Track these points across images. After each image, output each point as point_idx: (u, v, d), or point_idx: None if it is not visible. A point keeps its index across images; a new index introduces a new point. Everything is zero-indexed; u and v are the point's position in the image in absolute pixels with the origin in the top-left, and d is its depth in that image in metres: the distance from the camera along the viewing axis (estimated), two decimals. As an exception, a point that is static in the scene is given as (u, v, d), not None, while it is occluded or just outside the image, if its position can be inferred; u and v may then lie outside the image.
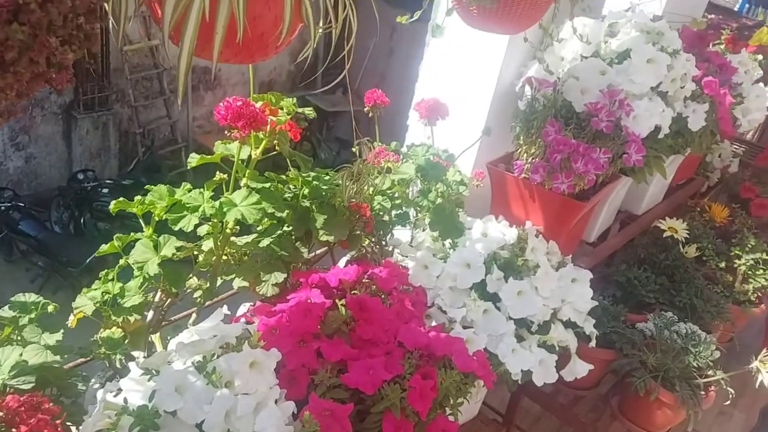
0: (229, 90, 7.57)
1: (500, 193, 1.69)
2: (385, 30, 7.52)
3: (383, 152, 1.58)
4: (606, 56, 1.68)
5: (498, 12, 1.31)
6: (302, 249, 1.43)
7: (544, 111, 1.66)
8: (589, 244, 1.91)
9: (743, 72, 2.12)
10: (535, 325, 1.51)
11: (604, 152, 1.50)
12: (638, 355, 1.67)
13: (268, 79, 8.02)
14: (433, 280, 1.50)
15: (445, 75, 1.88)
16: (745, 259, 2.07)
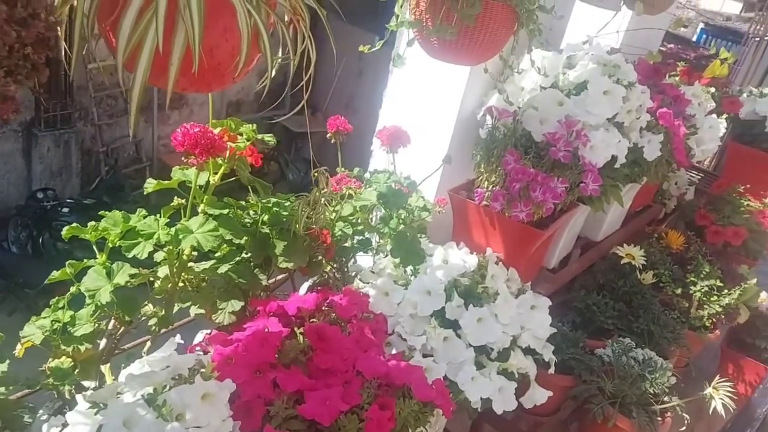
0: (196, 109, 7.51)
1: (461, 220, 1.71)
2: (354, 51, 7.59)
3: (344, 179, 1.59)
4: (564, 87, 1.72)
5: (458, 44, 1.34)
6: (261, 276, 1.41)
7: (505, 140, 1.69)
8: (549, 270, 1.93)
9: (697, 104, 2.19)
10: (495, 353, 1.52)
11: (561, 181, 1.53)
12: (596, 382, 1.69)
13: (236, 99, 7.98)
14: (394, 307, 1.49)
15: (408, 102, 1.90)
16: (700, 286, 2.12)
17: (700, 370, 2.59)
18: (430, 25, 1.30)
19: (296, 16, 0.88)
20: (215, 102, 7.83)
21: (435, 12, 1.29)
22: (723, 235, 2.47)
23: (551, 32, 2.06)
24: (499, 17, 1.33)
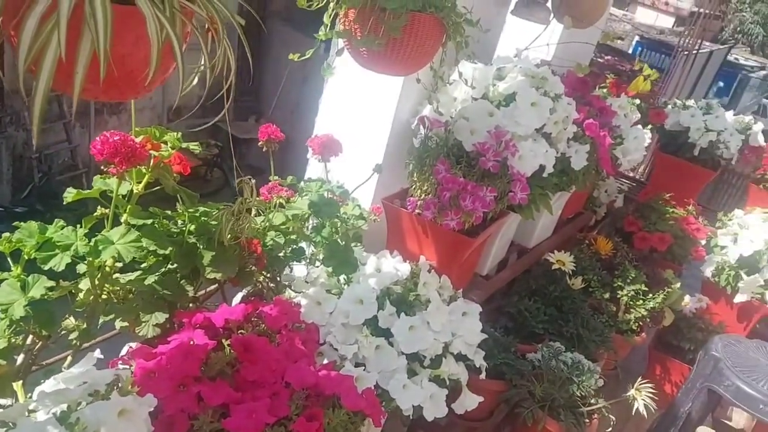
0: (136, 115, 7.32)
1: (395, 228, 1.72)
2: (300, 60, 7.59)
3: (276, 187, 1.58)
4: (494, 99, 1.76)
5: (386, 55, 1.35)
6: (188, 287, 1.38)
7: (437, 149, 1.72)
8: (482, 277, 1.96)
9: (623, 115, 2.28)
10: (428, 360, 1.53)
11: (490, 190, 1.56)
12: (527, 386, 1.73)
13: (178, 105, 7.82)
14: (326, 316, 1.49)
15: (343, 110, 1.91)
16: (627, 290, 2.20)
17: (630, 372, 2.68)
18: (359, 36, 1.31)
19: (213, 26, 0.87)
20: (157, 108, 7.64)
21: (363, 23, 1.30)
22: (649, 241, 2.57)
23: (484, 44, 2.10)
24: (426, 29, 1.35)
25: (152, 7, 0.77)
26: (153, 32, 0.75)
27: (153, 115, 7.66)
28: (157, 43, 0.76)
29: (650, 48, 19.29)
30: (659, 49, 16.70)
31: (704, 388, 2.01)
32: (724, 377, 1.93)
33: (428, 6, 1.33)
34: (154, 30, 0.75)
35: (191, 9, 0.85)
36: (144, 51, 0.82)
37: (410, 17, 1.31)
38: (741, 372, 1.93)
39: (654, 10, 25.98)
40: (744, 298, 2.48)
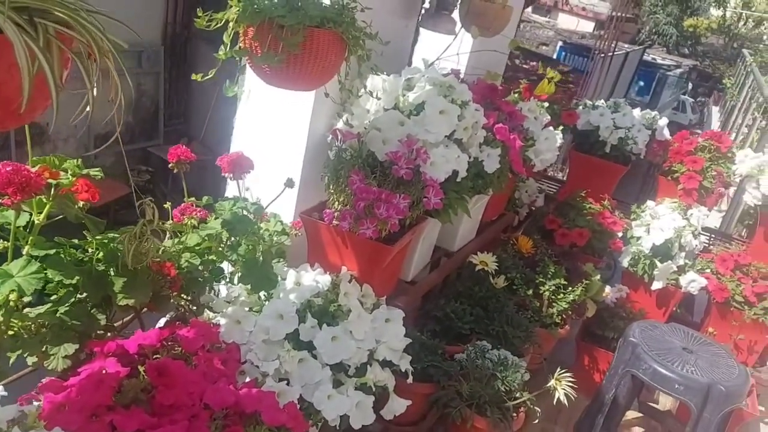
0: (60, 144, 7.05)
1: (315, 241, 1.73)
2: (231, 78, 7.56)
3: (189, 208, 1.57)
4: (404, 109, 1.81)
5: (287, 71, 1.37)
6: (99, 316, 1.36)
7: (351, 161, 1.74)
8: (408, 282, 2.00)
9: (533, 118, 2.37)
10: (353, 369, 1.55)
11: (403, 198, 1.59)
12: (455, 386, 1.77)
13: (104, 131, 7.58)
14: (246, 335, 1.49)
15: (259, 127, 1.91)
16: (548, 285, 2.28)
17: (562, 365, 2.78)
18: (258, 53, 1.32)
19: (92, 52, 0.87)
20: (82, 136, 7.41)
21: (262, 40, 1.32)
22: (569, 237, 2.68)
23: (398, 56, 2.16)
24: (325, 44, 1.37)
25: (22, 34, 0.76)
26: (23, 60, 0.74)
27: (78, 144, 7.41)
28: (27, 71, 0.75)
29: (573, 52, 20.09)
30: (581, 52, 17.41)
31: (625, 373, 2.10)
32: (641, 361, 2.03)
33: (326, 22, 1.36)
34: (24, 58, 0.74)
35: (69, 36, 0.84)
36: (17, 80, 0.81)
37: (308, 33, 1.33)
38: (657, 355, 2.03)
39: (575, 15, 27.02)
40: (660, 285, 2.61)
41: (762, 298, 2.50)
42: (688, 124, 20.45)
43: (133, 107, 7.87)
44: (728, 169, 2.84)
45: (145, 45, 7.34)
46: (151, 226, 1.23)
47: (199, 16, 1.37)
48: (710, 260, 2.66)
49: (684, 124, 21.56)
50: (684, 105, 24.53)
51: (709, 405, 1.94)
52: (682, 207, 2.72)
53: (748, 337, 2.53)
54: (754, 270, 2.61)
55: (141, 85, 7.94)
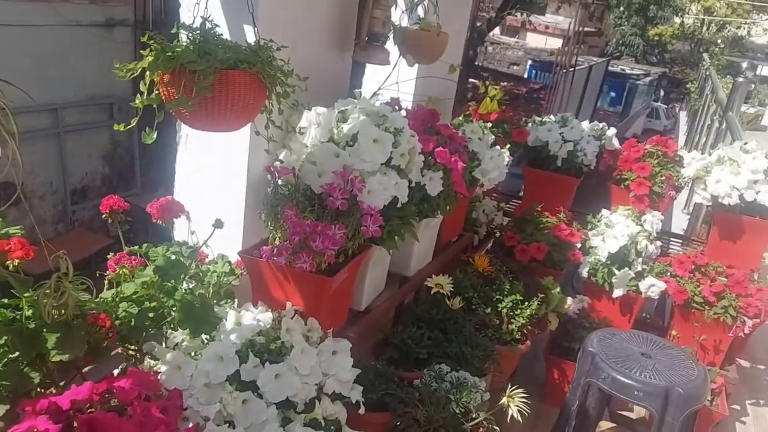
0: (36, 202, 7.04)
1: (258, 279, 1.73)
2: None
3: (124, 258, 1.57)
4: (340, 140, 1.83)
5: (206, 113, 1.39)
6: (33, 374, 1.34)
7: (290, 196, 1.76)
8: (361, 312, 1.99)
9: (477, 138, 2.41)
10: (301, 405, 1.53)
11: (339, 228, 1.61)
12: (410, 413, 1.75)
13: (80, 186, 7.58)
14: (187, 380, 1.47)
15: (199, 170, 1.92)
16: (506, 302, 2.29)
17: (532, 380, 2.77)
18: (174, 99, 1.34)
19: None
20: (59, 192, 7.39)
21: (176, 86, 1.34)
22: (528, 252, 2.69)
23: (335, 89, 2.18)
24: (241, 85, 1.40)
25: None
26: None
27: (56, 200, 7.39)
28: None
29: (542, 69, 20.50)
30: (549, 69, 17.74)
31: (587, 384, 2.10)
32: (600, 370, 2.03)
33: (239, 63, 1.38)
34: None
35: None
36: None
37: (222, 75, 1.35)
38: (615, 363, 2.04)
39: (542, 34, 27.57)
40: (621, 292, 2.63)
41: (721, 297, 2.52)
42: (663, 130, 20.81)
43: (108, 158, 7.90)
44: (677, 173, 2.89)
45: (117, 96, 7.38)
46: (66, 279, 1.23)
47: (116, 67, 1.39)
48: (668, 264, 2.68)
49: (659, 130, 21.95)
50: (657, 111, 24.98)
51: (669, 408, 1.94)
52: (635, 213, 2.76)
53: (711, 337, 2.55)
54: (711, 270, 2.64)
55: (115, 137, 7.97)
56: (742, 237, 2.80)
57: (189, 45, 1.36)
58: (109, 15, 7.25)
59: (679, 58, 33.55)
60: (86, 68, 6.90)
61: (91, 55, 6.89)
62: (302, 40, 1.89)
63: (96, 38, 7.02)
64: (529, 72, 22.46)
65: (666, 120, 24.24)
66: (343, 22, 2.12)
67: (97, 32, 7.07)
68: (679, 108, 24.83)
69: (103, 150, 7.83)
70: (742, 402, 2.87)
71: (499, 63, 23.77)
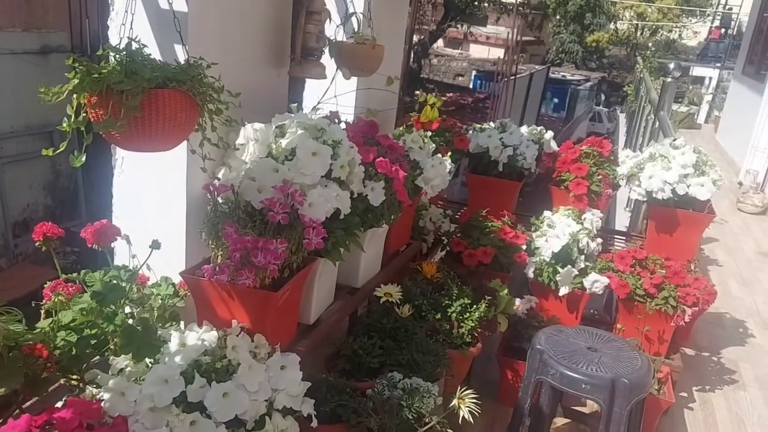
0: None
1: (201, 298, 1.71)
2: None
3: (60, 285, 1.53)
4: (278, 155, 1.84)
5: (137, 133, 1.37)
6: (-35, 411, 1.29)
7: (230, 213, 1.75)
8: (310, 326, 1.99)
9: (418, 147, 2.45)
10: (251, 422, 1.52)
11: (280, 242, 1.61)
12: (364, 422, 1.76)
13: (21, 218, 7.32)
14: (131, 405, 1.44)
15: (137, 193, 1.89)
16: (455, 307, 2.32)
17: (488, 383, 2.81)
18: (102, 120, 1.33)
19: None
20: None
21: (104, 107, 1.32)
22: (475, 256, 2.74)
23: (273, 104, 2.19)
24: (172, 103, 1.39)
25: None
26: None
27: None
28: None
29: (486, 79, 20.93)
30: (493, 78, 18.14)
31: (537, 381, 2.14)
32: (549, 367, 2.08)
33: (168, 82, 1.38)
34: None
35: None
36: None
37: (150, 95, 1.35)
38: (562, 358, 2.09)
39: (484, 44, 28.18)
40: (566, 290, 2.70)
41: (661, 288, 2.62)
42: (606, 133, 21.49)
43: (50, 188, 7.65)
44: (613, 172, 3.00)
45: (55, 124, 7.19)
46: None
47: (41, 91, 1.37)
48: (610, 260, 2.77)
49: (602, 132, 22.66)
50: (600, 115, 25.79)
51: (616, 399, 1.99)
52: (575, 213, 2.84)
53: (655, 327, 2.64)
54: (651, 263, 2.74)
55: (57, 166, 7.73)
56: (678, 229, 2.92)
57: (116, 66, 1.34)
58: (45, 42, 7.08)
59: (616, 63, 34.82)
60: (22, 97, 6.70)
61: (27, 83, 6.70)
62: (234, 57, 1.90)
63: (31, 66, 6.83)
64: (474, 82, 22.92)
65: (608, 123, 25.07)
66: (276, 38, 2.13)
67: (32, 60, 6.89)
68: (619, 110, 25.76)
69: (44, 180, 7.60)
70: (688, 389, 2.98)
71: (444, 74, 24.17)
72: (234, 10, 1.87)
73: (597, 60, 34.28)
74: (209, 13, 1.74)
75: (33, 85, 5.88)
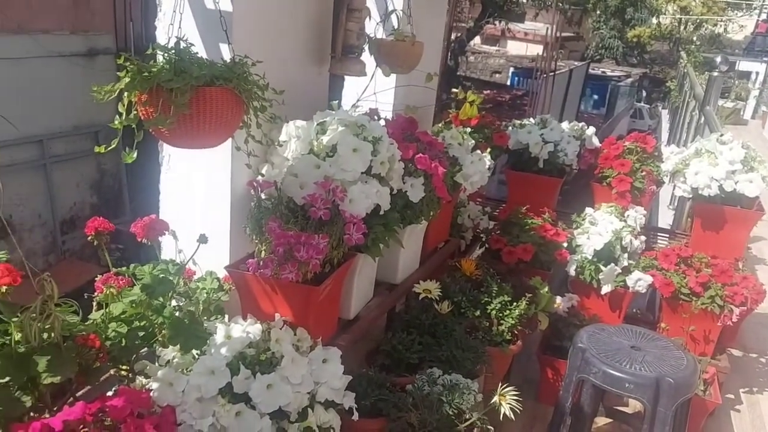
0: (26, 235, 7.02)
1: (246, 292, 1.75)
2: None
3: (111, 278, 1.58)
4: (320, 152, 1.86)
5: (185, 130, 1.41)
6: (25, 398, 1.35)
7: (273, 209, 1.78)
8: (350, 321, 2.01)
9: (457, 144, 2.44)
10: (294, 414, 1.55)
11: (322, 238, 1.63)
12: (404, 417, 1.77)
13: (69, 216, 7.57)
14: (179, 395, 1.48)
15: (184, 189, 1.94)
16: (494, 304, 2.31)
17: (528, 381, 2.79)
18: (152, 118, 1.37)
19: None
20: (48, 224, 7.38)
21: (154, 105, 1.36)
22: (515, 254, 2.72)
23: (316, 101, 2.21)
24: (218, 101, 1.42)
25: None
26: None
27: (45, 231, 7.38)
28: None
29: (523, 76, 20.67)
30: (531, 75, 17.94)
31: (579, 380, 2.12)
32: (591, 365, 2.05)
33: (215, 80, 1.41)
34: None
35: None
36: None
37: (198, 92, 1.38)
38: (605, 357, 2.06)
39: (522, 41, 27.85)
40: (609, 288, 2.66)
41: (707, 287, 2.55)
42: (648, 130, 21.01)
43: (96, 187, 7.89)
44: (657, 168, 2.93)
45: (101, 124, 7.40)
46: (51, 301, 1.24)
47: (94, 90, 1.42)
48: (653, 258, 2.71)
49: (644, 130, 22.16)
50: (641, 112, 25.22)
51: (661, 399, 1.96)
52: (618, 210, 2.79)
53: (700, 327, 2.57)
54: (696, 261, 2.67)
55: (102, 165, 7.97)
56: (725, 227, 2.84)
57: (165, 64, 1.38)
58: (91, 44, 7.30)
59: (658, 58, 33.95)
60: (70, 98, 6.93)
61: (75, 84, 6.92)
62: (278, 55, 1.93)
63: (78, 68, 7.05)
64: (512, 79, 22.66)
65: (650, 120, 24.47)
66: (318, 36, 2.16)
67: (79, 62, 7.11)
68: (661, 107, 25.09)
69: (90, 179, 7.84)
70: (735, 390, 2.89)
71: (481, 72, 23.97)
72: (277, 8, 1.90)
73: (638, 55, 33.50)
74: (253, 11, 1.77)
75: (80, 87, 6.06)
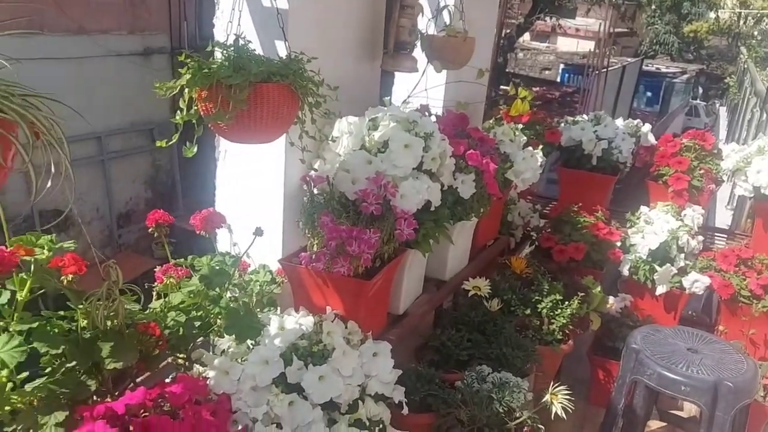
0: (85, 227, 7.30)
1: (298, 285, 1.78)
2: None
3: (170, 268, 1.63)
4: (371, 147, 1.87)
5: (242, 125, 1.44)
6: (90, 382, 1.41)
7: (326, 203, 1.80)
8: (399, 316, 2.02)
9: (508, 140, 2.42)
10: (345, 405, 1.57)
11: (374, 232, 1.64)
12: (454, 413, 1.76)
13: (125, 210, 7.84)
14: (234, 384, 1.52)
15: (238, 183, 1.98)
16: (545, 303, 2.28)
17: (578, 381, 2.74)
18: (212, 113, 1.40)
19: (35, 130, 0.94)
20: (105, 217, 7.66)
21: (214, 101, 1.40)
22: (566, 252, 2.68)
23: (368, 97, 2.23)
24: (275, 97, 1.45)
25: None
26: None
27: (102, 224, 7.67)
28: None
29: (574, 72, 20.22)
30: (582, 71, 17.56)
31: (632, 381, 2.07)
32: (645, 367, 2.00)
33: (273, 76, 1.44)
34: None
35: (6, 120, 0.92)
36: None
37: (256, 88, 1.41)
38: (660, 359, 2.01)
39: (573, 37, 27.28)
40: (664, 288, 2.59)
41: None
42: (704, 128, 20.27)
43: (151, 182, 8.16)
44: (716, 166, 2.84)
45: (156, 122, 7.64)
46: (117, 287, 1.29)
47: (156, 86, 1.46)
48: (711, 258, 2.63)
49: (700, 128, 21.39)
50: (697, 109, 24.36)
51: (719, 403, 1.90)
52: (674, 209, 2.71)
53: (761, 331, 2.48)
54: (757, 262, 2.57)
55: (156, 161, 8.22)
56: (789, 228, 2.73)
57: (224, 61, 1.42)
58: (147, 44, 7.53)
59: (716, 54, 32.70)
60: (127, 96, 7.18)
61: (131, 83, 7.16)
62: (332, 52, 1.95)
63: (135, 66, 7.29)
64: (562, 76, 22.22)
65: (706, 117, 23.60)
66: (370, 33, 2.17)
67: (136, 61, 7.34)
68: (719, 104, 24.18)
69: (145, 175, 8.10)
70: (798, 398, 2.77)
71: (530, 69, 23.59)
72: (331, 5, 1.92)
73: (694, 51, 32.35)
74: (308, 8, 1.79)
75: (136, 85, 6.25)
